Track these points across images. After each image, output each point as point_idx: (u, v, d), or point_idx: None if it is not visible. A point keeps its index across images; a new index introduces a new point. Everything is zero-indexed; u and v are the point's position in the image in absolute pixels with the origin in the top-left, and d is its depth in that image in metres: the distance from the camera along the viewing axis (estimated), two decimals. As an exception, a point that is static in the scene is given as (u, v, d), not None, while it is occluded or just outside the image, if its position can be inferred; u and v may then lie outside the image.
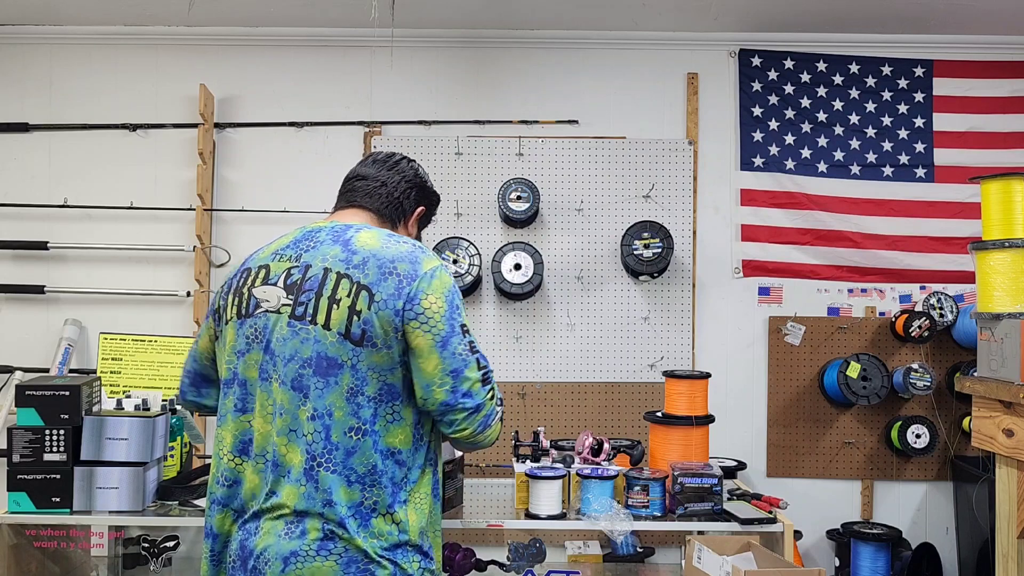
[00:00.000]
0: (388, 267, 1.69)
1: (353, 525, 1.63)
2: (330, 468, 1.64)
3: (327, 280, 1.68)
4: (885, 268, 3.96)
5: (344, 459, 1.64)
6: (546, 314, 3.93)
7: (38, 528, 2.45)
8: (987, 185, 2.48)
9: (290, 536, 1.64)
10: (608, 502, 2.43)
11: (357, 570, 1.63)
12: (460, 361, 1.69)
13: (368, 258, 1.69)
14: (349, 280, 1.67)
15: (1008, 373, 2.28)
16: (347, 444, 1.64)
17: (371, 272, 1.68)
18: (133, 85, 3.97)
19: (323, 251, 1.73)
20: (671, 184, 3.96)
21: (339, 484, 1.64)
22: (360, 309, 1.65)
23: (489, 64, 4.01)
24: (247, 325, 1.73)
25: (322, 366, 1.65)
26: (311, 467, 1.64)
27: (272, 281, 1.73)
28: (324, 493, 1.63)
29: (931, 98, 4.00)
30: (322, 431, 1.64)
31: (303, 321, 1.67)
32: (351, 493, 1.64)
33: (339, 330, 1.65)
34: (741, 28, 3.95)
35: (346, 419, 1.65)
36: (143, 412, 2.48)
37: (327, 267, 1.70)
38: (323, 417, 1.64)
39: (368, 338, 1.65)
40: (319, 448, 1.64)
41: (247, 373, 1.73)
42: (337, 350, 1.65)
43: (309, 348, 1.66)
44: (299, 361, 1.66)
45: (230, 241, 3.93)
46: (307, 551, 1.62)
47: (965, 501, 3.68)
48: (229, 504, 1.74)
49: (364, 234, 1.76)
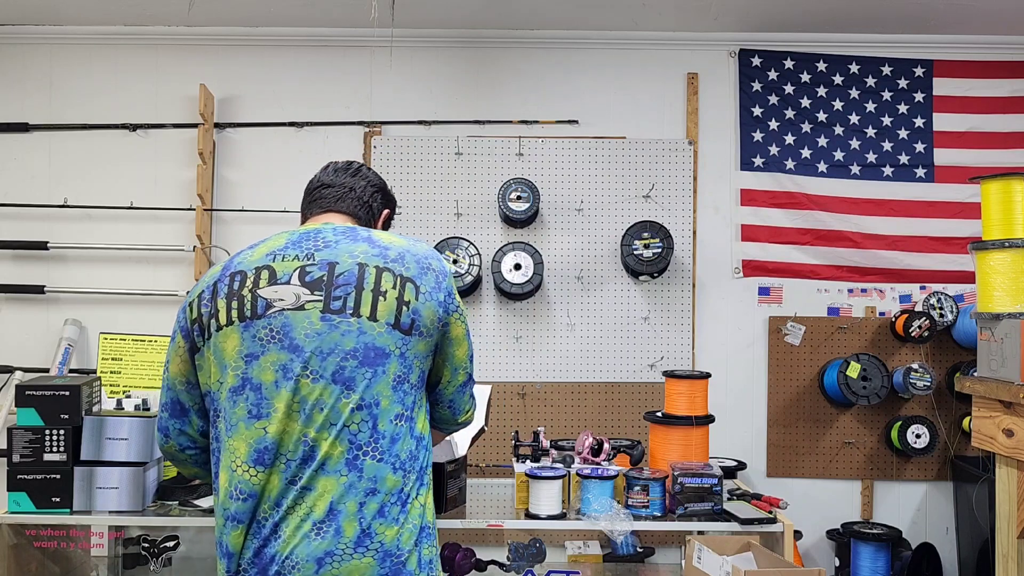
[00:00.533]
0: (424, 263, 1.77)
1: (393, 512, 1.64)
2: (376, 456, 1.64)
3: (365, 274, 1.70)
4: (885, 268, 3.96)
5: (390, 447, 1.66)
6: (546, 314, 3.93)
7: (38, 528, 2.44)
8: (987, 185, 2.48)
9: (322, 536, 1.60)
10: (608, 502, 2.44)
11: (392, 564, 1.63)
12: (472, 348, 1.89)
13: (404, 253, 1.76)
14: (391, 273, 1.71)
15: (1008, 373, 2.28)
16: (393, 432, 1.67)
17: (411, 266, 1.74)
18: (133, 85, 3.97)
19: (346, 248, 1.74)
20: (671, 184, 3.96)
21: (386, 471, 1.65)
22: (408, 300, 1.71)
23: (489, 64, 4.02)
24: (257, 327, 1.69)
25: (369, 356, 1.66)
26: (355, 456, 1.63)
27: (282, 280, 1.72)
28: (369, 481, 1.63)
29: (931, 98, 4.00)
30: (369, 420, 1.65)
31: (342, 314, 1.67)
32: (395, 480, 1.66)
33: (388, 320, 1.68)
34: (741, 28, 3.95)
35: (392, 407, 1.67)
36: (143, 412, 2.48)
37: (361, 262, 1.72)
38: (370, 407, 1.65)
39: (416, 327, 1.71)
40: (365, 437, 1.64)
41: (262, 376, 1.67)
42: (385, 340, 1.68)
43: (352, 340, 1.66)
44: (340, 354, 1.66)
45: (230, 241, 3.93)
46: (343, 550, 1.60)
47: (965, 501, 3.68)
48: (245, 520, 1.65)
49: (380, 233, 1.82)
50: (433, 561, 1.72)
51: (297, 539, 1.60)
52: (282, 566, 1.60)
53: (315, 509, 1.61)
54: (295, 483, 1.62)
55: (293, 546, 1.60)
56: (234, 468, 1.66)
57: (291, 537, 1.61)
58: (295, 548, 1.60)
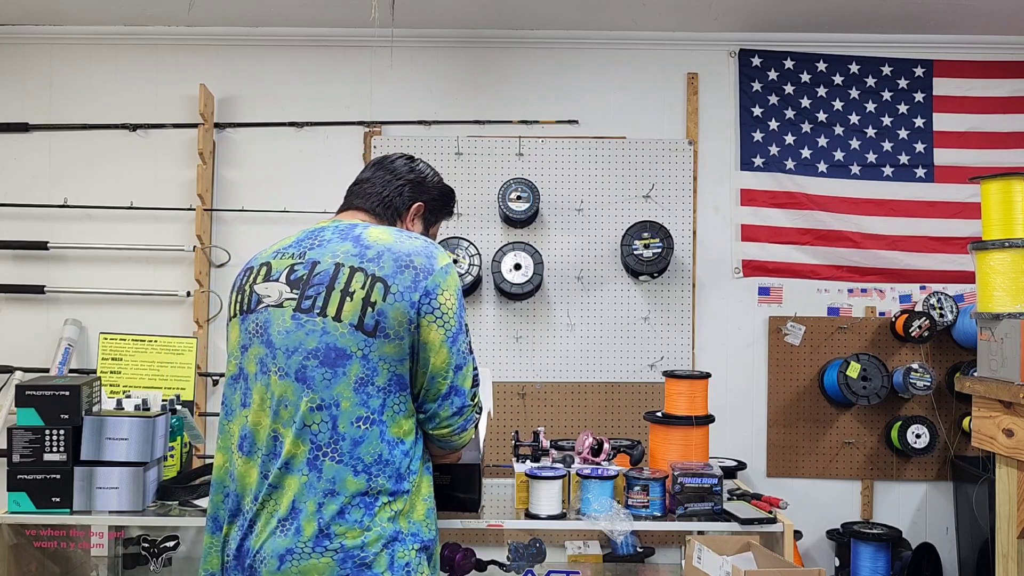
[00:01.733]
0: (404, 260, 1.72)
1: (355, 515, 1.64)
2: (335, 458, 1.65)
3: (339, 274, 1.71)
4: (885, 268, 3.96)
5: (351, 449, 1.65)
6: (546, 314, 3.93)
7: (38, 528, 2.44)
8: (987, 185, 2.48)
9: (284, 533, 1.64)
10: (608, 502, 2.43)
11: (353, 565, 1.63)
12: (462, 358, 1.77)
13: (383, 252, 1.73)
14: (363, 273, 1.70)
15: (1008, 373, 2.28)
16: (354, 434, 1.66)
17: (387, 265, 1.71)
18: (133, 85, 3.97)
19: (332, 248, 1.76)
20: (671, 184, 3.96)
21: (345, 474, 1.65)
22: (375, 300, 1.68)
23: (489, 64, 4.01)
24: (249, 320, 1.77)
25: (330, 357, 1.67)
26: (315, 457, 1.65)
27: (274, 277, 1.77)
28: (328, 483, 1.64)
29: (931, 98, 4.00)
30: (328, 421, 1.66)
31: (310, 314, 1.70)
32: (357, 483, 1.65)
33: (351, 321, 1.67)
34: (741, 28, 3.95)
35: (354, 409, 1.66)
36: (143, 412, 2.47)
37: (338, 262, 1.73)
38: (330, 407, 1.66)
39: (381, 329, 1.67)
40: (325, 438, 1.66)
41: (249, 368, 1.75)
42: (347, 341, 1.67)
43: (315, 339, 1.68)
44: (303, 353, 1.68)
45: (230, 241, 3.93)
46: (302, 548, 1.63)
47: (965, 501, 3.68)
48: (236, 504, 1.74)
49: (374, 230, 1.80)
50: (411, 564, 1.69)
51: (266, 535, 1.66)
52: (254, 559, 1.66)
53: (280, 507, 1.66)
54: (267, 478, 1.68)
55: (263, 541, 1.66)
56: (232, 450, 1.76)
57: (262, 532, 1.67)
58: (264, 543, 1.65)
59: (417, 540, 1.72)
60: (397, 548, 1.68)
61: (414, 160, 2.01)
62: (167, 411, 2.57)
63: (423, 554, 1.74)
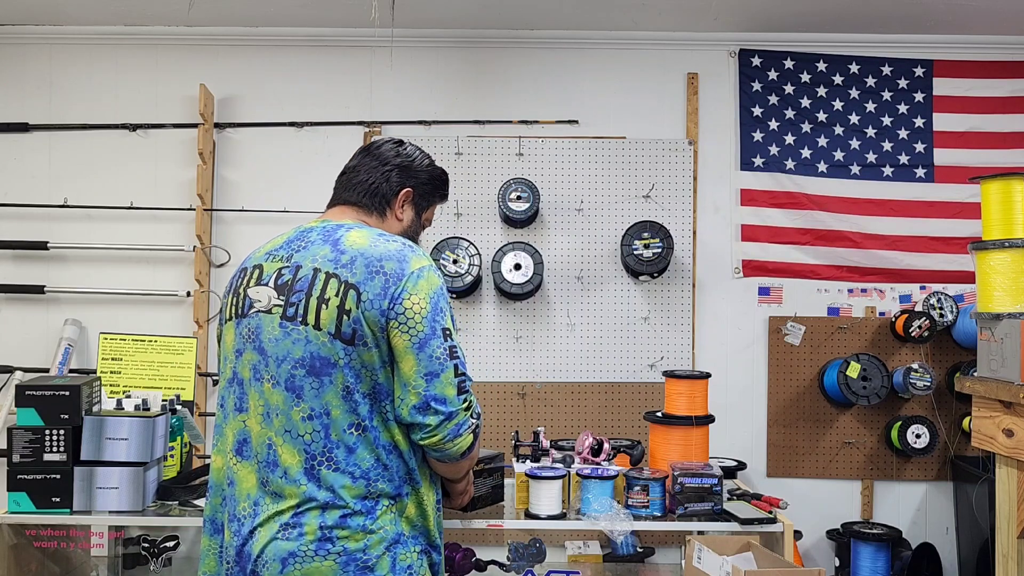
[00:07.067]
0: (375, 266, 1.68)
1: (358, 520, 1.64)
2: (331, 466, 1.65)
3: (316, 280, 1.69)
4: (885, 268, 3.96)
5: (346, 456, 1.65)
6: (546, 314, 3.93)
7: (38, 528, 2.44)
8: (987, 185, 2.48)
9: (287, 537, 1.64)
10: (608, 502, 2.43)
11: (356, 568, 1.63)
12: (437, 365, 1.67)
13: (356, 257, 1.69)
14: (337, 279, 1.67)
15: (1008, 373, 2.28)
16: (348, 441, 1.65)
17: (359, 271, 1.68)
18: (133, 85, 3.97)
19: (313, 251, 1.74)
20: (671, 184, 3.95)
21: (343, 480, 1.65)
22: (349, 308, 1.65)
23: (489, 64, 4.01)
24: (242, 325, 1.76)
25: (315, 366, 1.66)
26: (311, 467, 1.65)
27: (264, 281, 1.75)
28: (327, 491, 1.64)
29: (931, 98, 4.00)
30: (321, 430, 1.65)
31: (294, 322, 1.68)
32: (355, 488, 1.65)
33: (329, 329, 1.66)
34: (741, 28, 3.95)
35: (345, 416, 1.66)
36: (143, 412, 2.47)
37: (316, 267, 1.71)
38: (320, 416, 1.65)
39: (359, 337, 1.65)
40: (319, 447, 1.65)
41: (243, 372, 1.75)
42: (329, 350, 1.65)
43: (301, 348, 1.67)
44: (291, 362, 1.67)
45: (230, 241, 3.93)
46: (305, 551, 1.63)
47: (965, 501, 3.68)
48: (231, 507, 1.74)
49: (354, 233, 1.76)
50: (413, 567, 1.70)
51: (267, 539, 1.66)
52: (256, 563, 1.66)
53: (282, 514, 1.66)
54: (266, 485, 1.68)
55: (263, 545, 1.65)
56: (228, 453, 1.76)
57: (263, 537, 1.66)
58: (266, 547, 1.65)
59: (419, 542, 1.73)
60: (399, 551, 1.68)
61: (403, 144, 1.94)
62: (167, 411, 2.58)
63: (424, 557, 1.74)
